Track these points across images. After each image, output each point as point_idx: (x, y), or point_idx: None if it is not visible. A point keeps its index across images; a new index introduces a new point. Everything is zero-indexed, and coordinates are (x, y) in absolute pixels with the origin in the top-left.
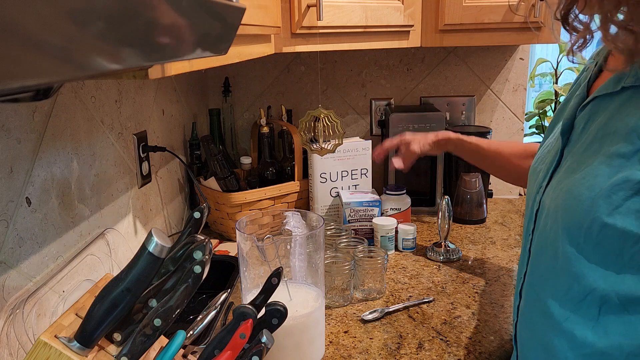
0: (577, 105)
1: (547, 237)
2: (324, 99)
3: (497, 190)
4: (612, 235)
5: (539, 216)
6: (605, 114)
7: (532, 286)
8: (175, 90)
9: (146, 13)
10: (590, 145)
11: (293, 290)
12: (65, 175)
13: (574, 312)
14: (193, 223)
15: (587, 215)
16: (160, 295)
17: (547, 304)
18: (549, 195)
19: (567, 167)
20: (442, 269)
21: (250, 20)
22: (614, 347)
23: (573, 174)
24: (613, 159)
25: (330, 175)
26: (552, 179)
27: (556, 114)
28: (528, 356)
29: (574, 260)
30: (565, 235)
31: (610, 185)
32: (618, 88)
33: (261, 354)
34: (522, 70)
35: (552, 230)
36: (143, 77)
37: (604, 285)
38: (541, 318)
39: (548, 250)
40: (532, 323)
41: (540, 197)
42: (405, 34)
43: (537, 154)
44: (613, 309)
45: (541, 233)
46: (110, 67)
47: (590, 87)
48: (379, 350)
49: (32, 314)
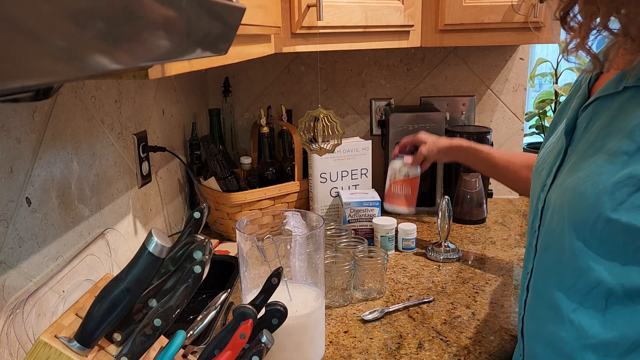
0: (579, 106)
1: (553, 233)
2: (323, 99)
3: (497, 190)
4: (617, 230)
5: (544, 213)
6: (607, 114)
7: (539, 280)
8: (175, 90)
9: (146, 13)
10: (593, 144)
11: (293, 290)
12: (65, 175)
13: (581, 305)
14: (193, 223)
15: (592, 211)
16: (160, 295)
17: (554, 297)
18: (554, 192)
19: (571, 166)
20: (442, 269)
21: (250, 20)
22: (619, 336)
23: (577, 172)
24: (616, 157)
25: (330, 175)
26: (557, 178)
27: (557, 114)
28: (535, 348)
29: (580, 254)
30: (572, 231)
31: (614, 182)
32: (620, 88)
33: (261, 354)
34: (522, 70)
35: (558, 227)
36: (143, 77)
37: (610, 278)
38: (548, 311)
39: (554, 245)
40: (539, 316)
41: (545, 195)
42: (405, 34)
43: (540, 154)
44: (619, 300)
45: (547, 229)
46: (110, 67)
47: (591, 87)
48: (379, 350)
49: (32, 314)
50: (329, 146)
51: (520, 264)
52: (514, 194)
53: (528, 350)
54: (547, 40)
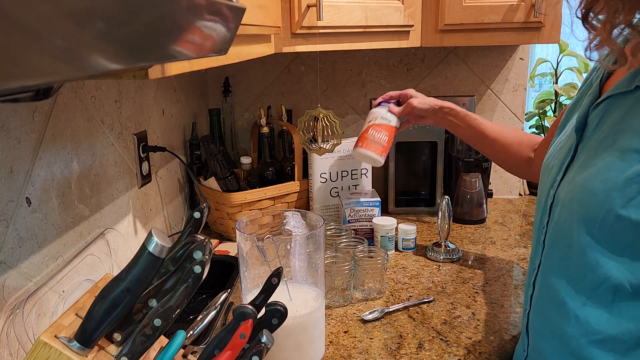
0: (590, 104)
1: (562, 229)
2: (323, 99)
3: (497, 190)
4: (626, 226)
5: (553, 209)
6: (618, 112)
7: (546, 276)
8: (175, 90)
9: (146, 13)
10: (603, 141)
11: (293, 290)
12: (65, 175)
13: (588, 300)
14: (193, 223)
15: (601, 207)
16: (160, 295)
17: (561, 292)
18: (563, 189)
19: (581, 162)
20: (442, 269)
21: (250, 20)
22: (625, 332)
23: (587, 169)
24: (627, 154)
25: (330, 175)
26: (567, 174)
27: (567, 112)
28: (540, 344)
29: (589, 250)
30: (581, 227)
31: (624, 179)
32: (632, 87)
33: (261, 354)
34: (522, 70)
35: (566, 223)
36: (143, 77)
37: (618, 274)
38: (555, 306)
39: (562, 241)
40: (546, 311)
41: (554, 191)
42: (405, 34)
43: (549, 152)
44: (626, 296)
45: (555, 225)
46: (110, 67)
47: (602, 86)
48: (379, 350)
49: (32, 314)
50: (329, 146)
51: (520, 264)
52: (514, 194)
53: (532, 345)
54: (547, 40)
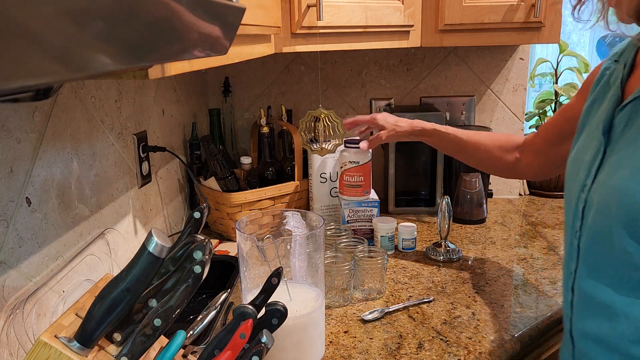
0: (614, 106)
1: (600, 233)
2: (324, 99)
3: (497, 190)
4: None
5: (585, 213)
6: None
7: (587, 280)
8: (175, 90)
9: (146, 13)
10: (633, 143)
11: (293, 290)
12: (65, 175)
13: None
14: (193, 223)
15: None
16: (160, 295)
17: (605, 295)
18: (596, 192)
19: (612, 165)
20: (442, 269)
21: (250, 20)
22: None
23: (620, 171)
24: None
25: (330, 175)
26: (597, 177)
27: (583, 116)
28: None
29: (635, 252)
30: (622, 230)
31: None
32: None
33: (261, 354)
34: (522, 70)
35: (605, 226)
36: (143, 77)
37: None
38: (600, 309)
39: (601, 244)
40: (590, 315)
41: (585, 195)
42: (405, 34)
43: (571, 156)
44: None
45: (591, 229)
46: (110, 67)
47: (624, 87)
48: (379, 350)
49: (32, 314)
50: (330, 146)
51: (520, 264)
52: (514, 194)
53: (579, 350)
54: (547, 40)
